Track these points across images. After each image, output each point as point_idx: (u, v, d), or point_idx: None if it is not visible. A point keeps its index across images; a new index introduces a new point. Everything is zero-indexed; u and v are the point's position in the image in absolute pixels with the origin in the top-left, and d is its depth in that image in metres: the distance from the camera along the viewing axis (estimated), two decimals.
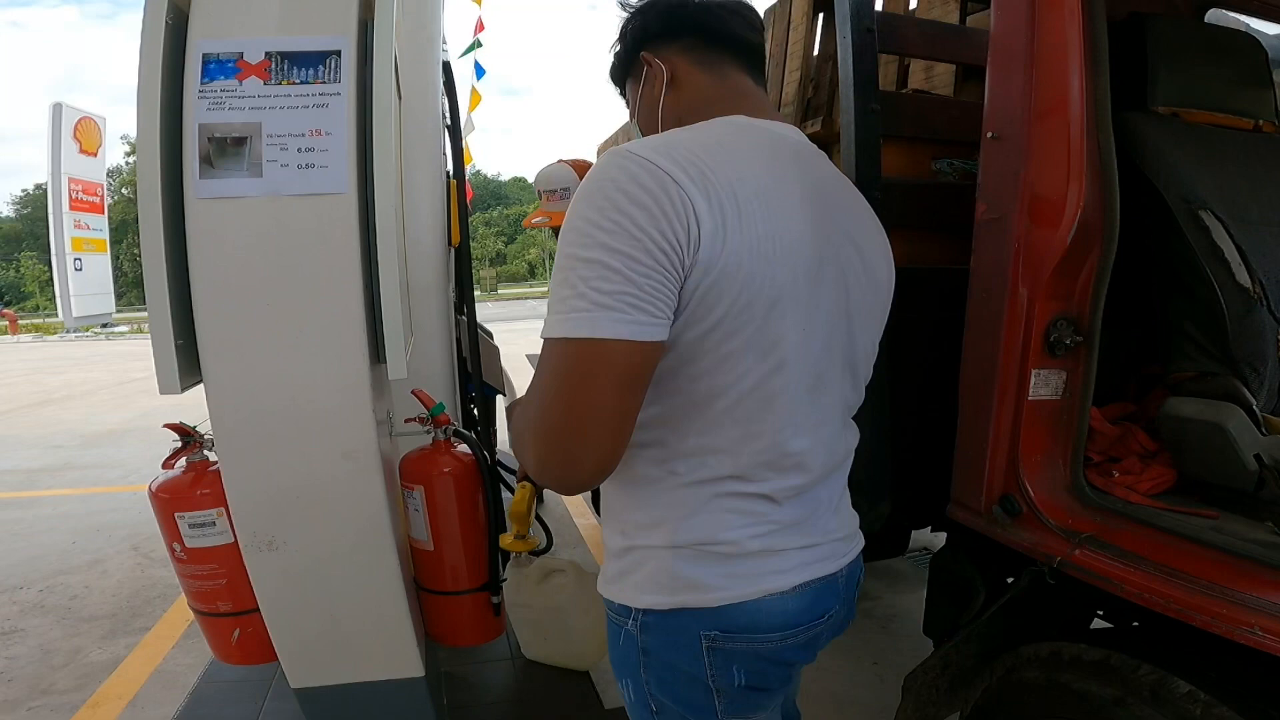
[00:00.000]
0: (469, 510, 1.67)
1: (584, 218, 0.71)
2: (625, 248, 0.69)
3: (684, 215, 0.70)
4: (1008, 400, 1.26)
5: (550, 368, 0.72)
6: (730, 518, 0.82)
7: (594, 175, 0.74)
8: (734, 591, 0.82)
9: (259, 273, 1.34)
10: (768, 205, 0.76)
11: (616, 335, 0.69)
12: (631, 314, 0.69)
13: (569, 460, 0.72)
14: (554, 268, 0.74)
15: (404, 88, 1.90)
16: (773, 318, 0.76)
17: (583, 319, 0.69)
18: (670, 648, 0.84)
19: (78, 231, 19.16)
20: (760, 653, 0.85)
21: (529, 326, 13.13)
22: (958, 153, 1.68)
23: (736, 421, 0.78)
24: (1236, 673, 1.02)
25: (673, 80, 0.92)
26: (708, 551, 0.82)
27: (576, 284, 0.69)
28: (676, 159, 0.72)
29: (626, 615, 0.86)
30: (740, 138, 0.81)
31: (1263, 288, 1.26)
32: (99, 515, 4.12)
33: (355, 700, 1.64)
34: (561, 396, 0.71)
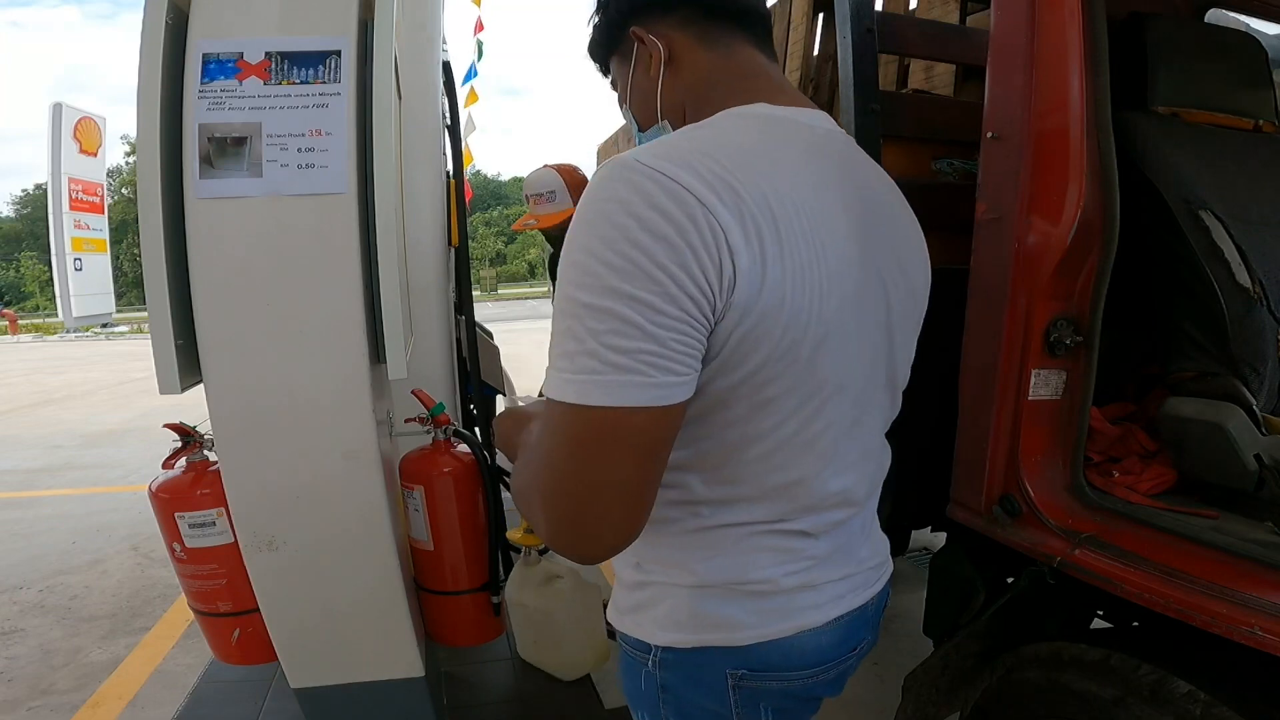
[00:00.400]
0: (469, 510, 1.67)
1: (588, 250, 0.58)
2: (643, 293, 0.56)
3: (714, 247, 0.58)
4: (1008, 400, 1.26)
5: (561, 434, 0.60)
6: (763, 556, 0.73)
7: (596, 194, 0.60)
8: (766, 630, 0.74)
9: (259, 273, 1.34)
10: (810, 223, 0.64)
11: (637, 403, 0.57)
12: (655, 376, 0.57)
13: (585, 536, 0.61)
14: (555, 307, 0.61)
15: (404, 88, 1.90)
16: (818, 357, 0.65)
17: (596, 384, 0.57)
18: (692, 686, 0.76)
19: (78, 231, 19.15)
20: (790, 690, 0.77)
21: (529, 326, 13.15)
22: (958, 153, 1.68)
23: (772, 469, 0.69)
24: (1236, 673, 1.02)
25: (670, 59, 0.78)
26: (738, 590, 0.73)
27: (585, 338, 0.57)
28: (700, 172, 0.59)
29: (644, 650, 0.77)
30: (769, 136, 0.68)
31: (1263, 288, 1.26)
32: (99, 515, 4.12)
33: (355, 700, 1.63)
34: (574, 467, 0.60)
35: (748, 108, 0.72)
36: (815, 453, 0.70)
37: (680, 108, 0.79)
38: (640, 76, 0.81)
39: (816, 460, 0.71)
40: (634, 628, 0.78)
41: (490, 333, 3.13)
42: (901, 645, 2.38)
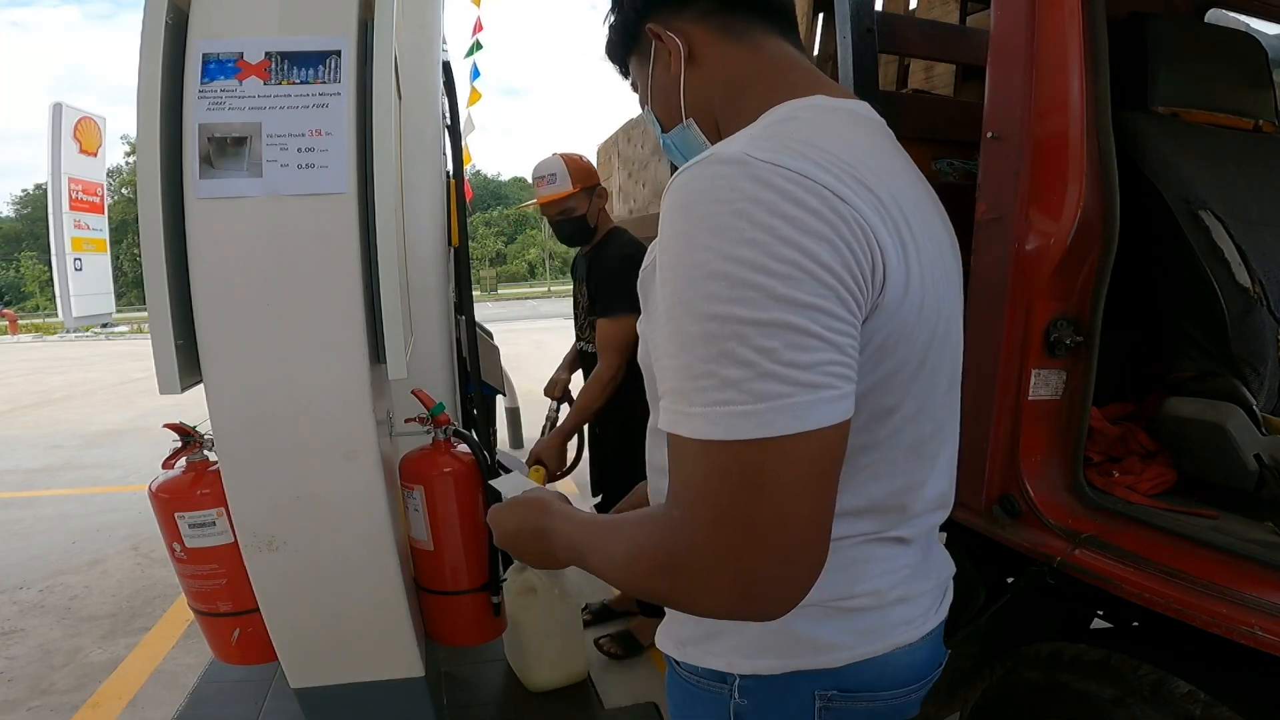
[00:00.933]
0: (469, 510, 1.66)
1: (732, 258, 0.50)
2: (818, 300, 0.50)
3: (866, 244, 0.53)
4: (1008, 400, 1.26)
5: (730, 479, 0.50)
6: (868, 567, 0.68)
7: (714, 194, 0.52)
8: (862, 649, 0.69)
9: (259, 273, 1.34)
10: (922, 218, 0.60)
11: (831, 421, 0.50)
12: (842, 387, 0.51)
13: (770, 591, 0.52)
14: (685, 331, 0.51)
15: (404, 88, 1.90)
16: (938, 359, 0.62)
17: (784, 410, 0.49)
18: (775, 712, 0.71)
19: (78, 231, 19.15)
20: (879, 710, 0.72)
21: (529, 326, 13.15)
22: (958, 153, 1.68)
23: (879, 477, 0.65)
24: (1236, 673, 1.02)
25: (692, 56, 0.73)
26: (837, 607, 0.68)
27: (756, 360, 0.49)
28: (823, 165, 0.53)
29: (719, 681, 0.71)
30: (860, 130, 0.64)
31: (1263, 288, 1.26)
32: (99, 515, 4.12)
33: (355, 700, 1.63)
34: (752, 513, 0.50)
35: (810, 100, 0.66)
36: (923, 456, 0.67)
37: (708, 106, 0.74)
38: (661, 75, 0.76)
39: (924, 465, 0.68)
40: (704, 657, 0.71)
41: (490, 333, 3.13)
42: None
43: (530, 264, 46.89)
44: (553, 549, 0.72)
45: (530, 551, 0.75)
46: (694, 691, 0.75)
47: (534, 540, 0.74)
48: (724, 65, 0.72)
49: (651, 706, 2.09)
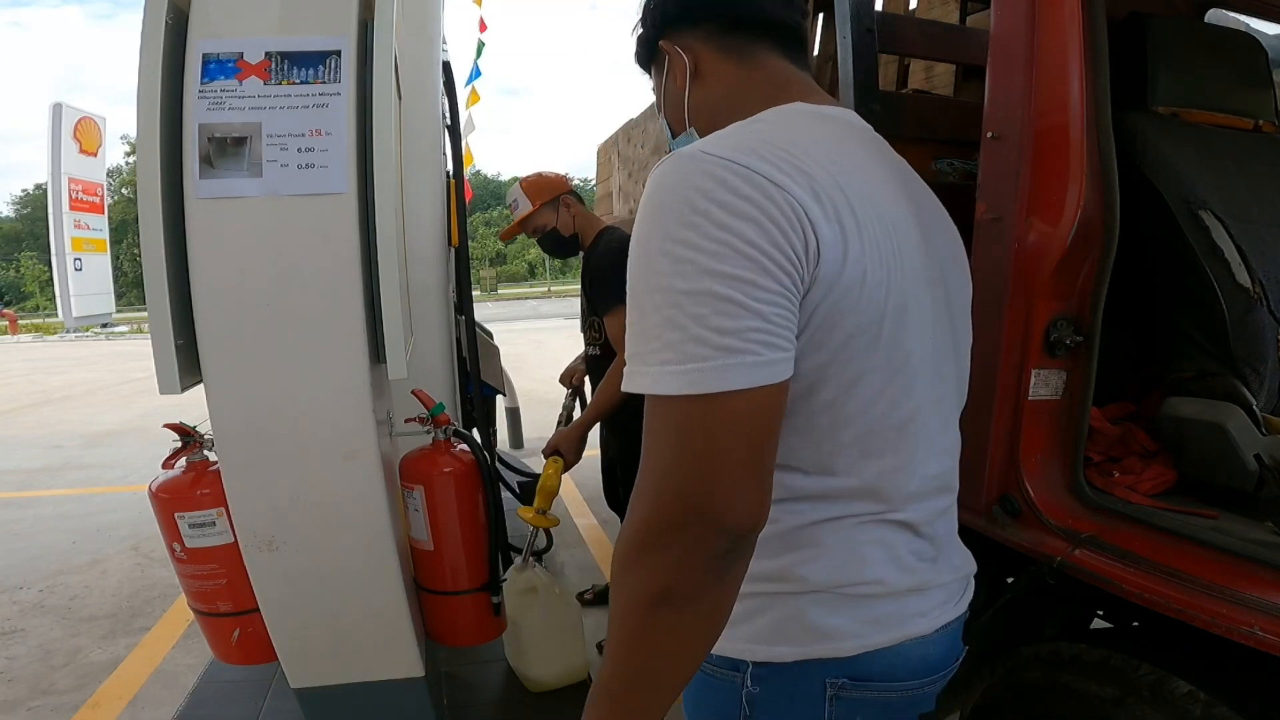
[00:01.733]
0: (469, 510, 1.66)
1: (674, 239, 0.58)
2: (741, 271, 0.57)
3: (796, 222, 0.59)
4: (1008, 400, 1.26)
5: (668, 435, 0.57)
6: (871, 551, 0.70)
7: (667, 184, 0.60)
8: (873, 639, 0.71)
9: (259, 272, 1.34)
10: (876, 202, 0.66)
11: (752, 384, 0.56)
12: (764, 353, 0.57)
13: (717, 521, 0.56)
14: (641, 302, 0.60)
15: (404, 88, 1.90)
16: (900, 331, 0.66)
17: (708, 370, 0.56)
18: (787, 700, 0.73)
19: (78, 231, 19.17)
20: (890, 702, 0.74)
21: (529, 326, 13.15)
22: (958, 153, 1.68)
23: (868, 453, 0.68)
24: (1236, 673, 1.02)
25: (696, 72, 0.81)
26: (848, 595, 0.70)
27: (687, 324, 0.56)
28: (766, 157, 0.61)
29: (734, 669, 0.73)
30: (821, 127, 0.71)
31: (1263, 288, 1.26)
32: (99, 515, 4.12)
33: (355, 700, 1.63)
34: (690, 462, 0.56)
35: (787, 105, 0.74)
36: (910, 436, 0.70)
37: (709, 116, 0.81)
38: (670, 86, 0.84)
39: (911, 443, 0.70)
40: (719, 644, 0.69)
41: (490, 333, 3.13)
42: None
43: (530, 264, 46.90)
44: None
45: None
46: (708, 680, 0.76)
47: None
48: (724, 81, 0.80)
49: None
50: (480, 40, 6.71)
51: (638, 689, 0.61)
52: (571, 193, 2.38)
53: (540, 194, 2.31)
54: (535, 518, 1.90)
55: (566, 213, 2.33)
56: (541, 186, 2.33)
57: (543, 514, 1.92)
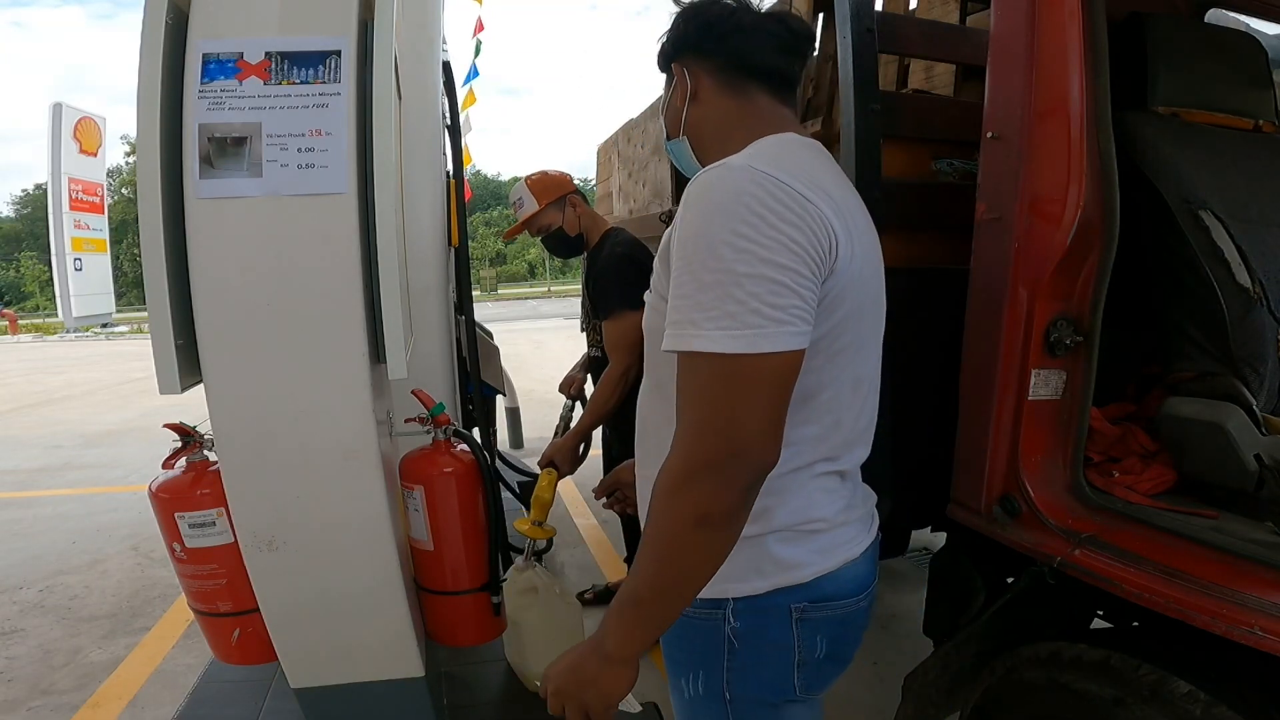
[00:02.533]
0: (469, 510, 1.66)
1: (736, 232, 0.74)
2: (789, 262, 0.74)
3: (823, 229, 0.77)
4: (1008, 400, 1.26)
5: (715, 385, 0.73)
6: (821, 496, 0.89)
7: (726, 189, 0.76)
8: (822, 565, 0.90)
9: (259, 273, 1.34)
10: (854, 213, 0.85)
11: (789, 348, 0.74)
12: (800, 326, 0.75)
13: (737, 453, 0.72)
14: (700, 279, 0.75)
15: (404, 88, 1.90)
16: (866, 315, 0.87)
17: (763, 334, 0.73)
18: (761, 628, 0.90)
19: (78, 231, 19.16)
20: (841, 618, 0.92)
21: (529, 326, 13.14)
22: (958, 153, 1.68)
23: (831, 410, 0.86)
24: (1236, 673, 1.02)
25: (695, 96, 0.96)
26: (801, 531, 0.89)
27: (746, 299, 0.73)
28: (797, 175, 0.78)
29: (715, 607, 0.90)
30: (812, 155, 0.89)
31: (1263, 288, 1.26)
32: (99, 515, 4.12)
33: (355, 700, 1.63)
34: (730, 409, 0.73)
35: (785, 135, 0.90)
36: (859, 395, 0.90)
37: (698, 134, 0.99)
38: (674, 99, 1.00)
39: (857, 401, 0.90)
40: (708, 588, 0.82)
41: (490, 333, 3.13)
42: (902, 645, 2.38)
43: (530, 264, 46.86)
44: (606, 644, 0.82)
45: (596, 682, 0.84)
46: (693, 625, 0.91)
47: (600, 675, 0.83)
48: (717, 110, 0.96)
49: (652, 706, 2.09)
50: (478, 40, 6.71)
51: (665, 597, 0.77)
52: (577, 192, 2.38)
53: (546, 193, 2.30)
54: (531, 529, 1.90)
55: (572, 212, 2.32)
56: (547, 185, 2.32)
57: (539, 525, 1.91)
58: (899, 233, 1.56)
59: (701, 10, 0.96)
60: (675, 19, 0.97)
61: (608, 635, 0.81)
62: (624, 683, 0.83)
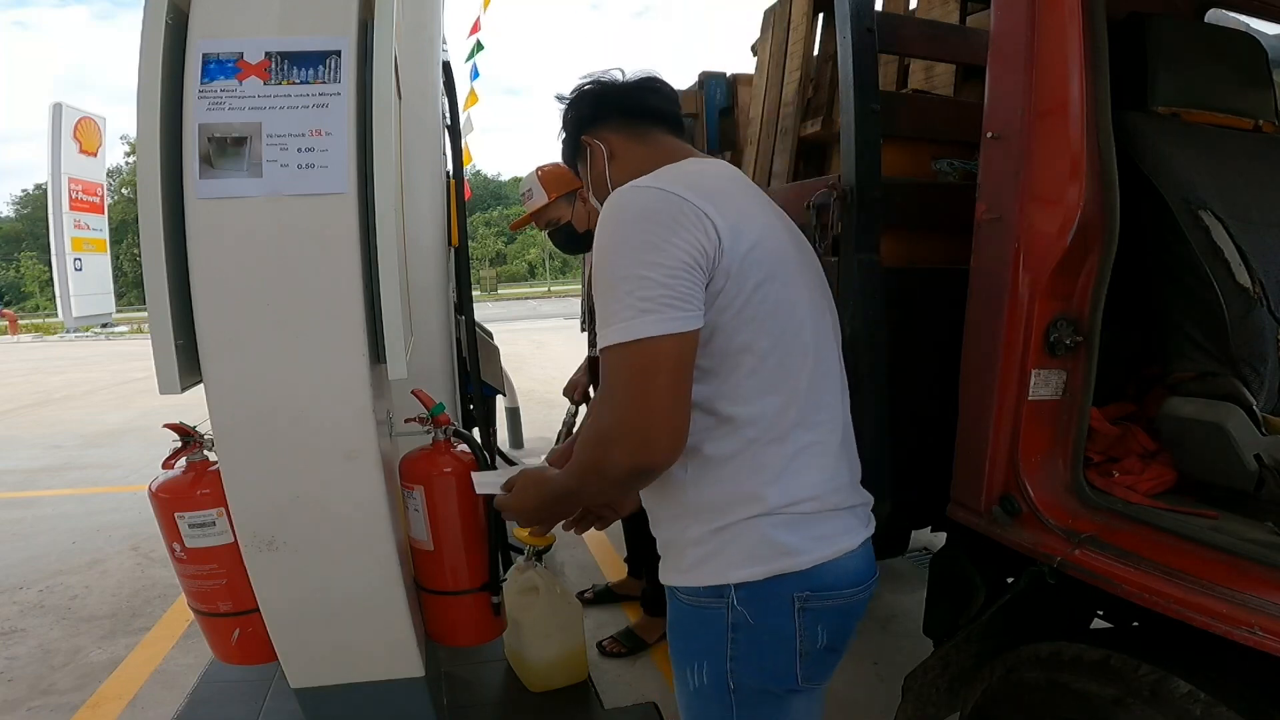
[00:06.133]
0: (469, 510, 1.66)
1: (614, 243, 0.88)
2: (655, 258, 0.85)
3: (699, 221, 0.87)
4: (1008, 400, 1.26)
5: (616, 371, 0.86)
6: (808, 473, 0.95)
7: (612, 208, 0.90)
8: (820, 553, 0.94)
9: (259, 273, 1.34)
10: (754, 208, 0.97)
11: (662, 332, 0.84)
12: (669, 313, 0.84)
13: (646, 443, 0.84)
14: (597, 291, 0.89)
15: (404, 88, 1.90)
16: (792, 282, 0.94)
17: (634, 324, 0.84)
18: (763, 615, 0.94)
19: (78, 231, 19.14)
20: (841, 608, 0.97)
21: (529, 326, 13.14)
22: (958, 153, 1.68)
23: (786, 375, 0.93)
24: (1236, 673, 1.02)
25: (611, 154, 1.11)
26: (796, 514, 0.94)
27: (623, 298, 0.85)
28: (680, 181, 0.91)
29: (718, 595, 0.94)
30: (710, 167, 1.03)
31: (1263, 288, 1.26)
32: (99, 515, 4.12)
33: (355, 700, 1.63)
34: (630, 391, 0.84)
35: (687, 159, 1.06)
36: (811, 359, 0.96)
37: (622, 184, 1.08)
38: (594, 170, 1.13)
39: (808, 364, 0.96)
40: (708, 576, 0.95)
41: (490, 333, 3.13)
42: (901, 645, 2.38)
43: (530, 264, 46.84)
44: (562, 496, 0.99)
45: (556, 513, 1.04)
46: (696, 613, 0.97)
47: (557, 503, 1.01)
48: (633, 157, 1.09)
49: (651, 706, 2.09)
50: (478, 41, 6.70)
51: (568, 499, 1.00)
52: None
53: (557, 186, 2.28)
54: (529, 536, 1.89)
55: (583, 207, 2.30)
56: (559, 178, 2.30)
57: (534, 533, 1.91)
58: (899, 233, 1.57)
59: (587, 91, 1.12)
60: (566, 109, 1.14)
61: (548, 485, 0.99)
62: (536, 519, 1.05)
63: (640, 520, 2.78)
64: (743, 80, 2.67)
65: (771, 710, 0.99)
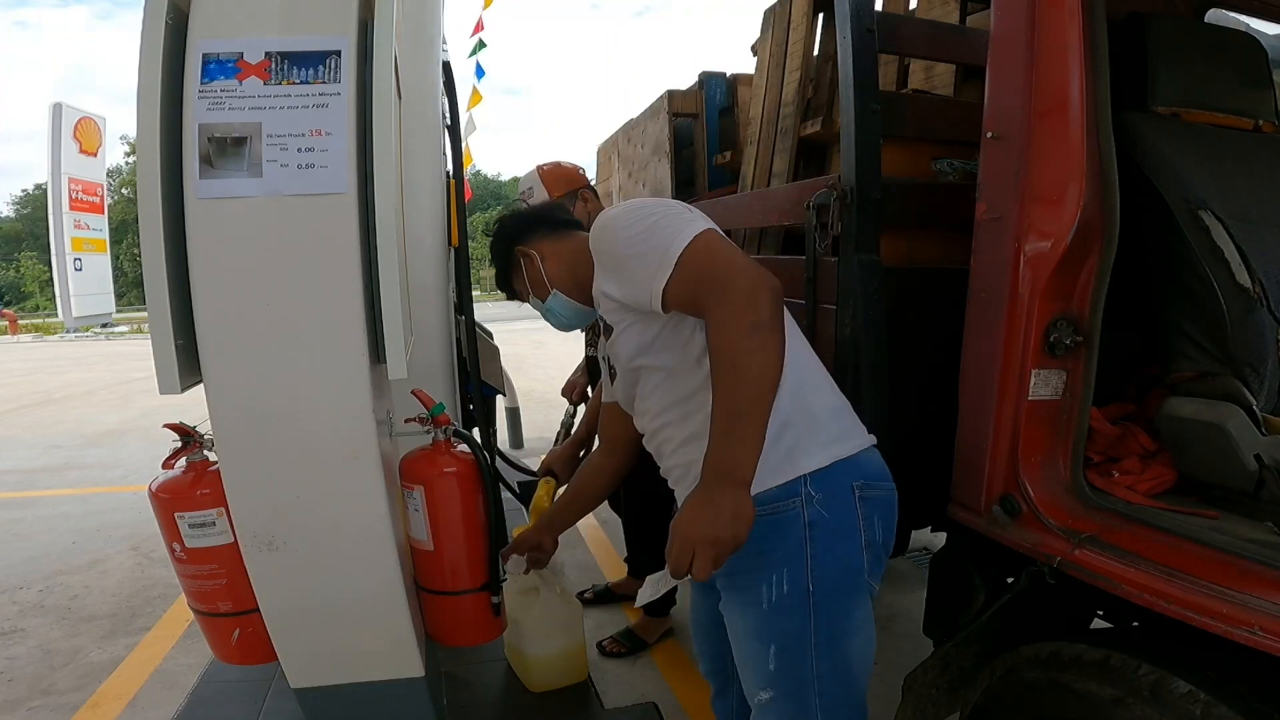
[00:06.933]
0: (469, 510, 1.66)
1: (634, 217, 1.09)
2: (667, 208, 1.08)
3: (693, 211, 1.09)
4: (1008, 400, 1.26)
5: (702, 256, 1.01)
6: (812, 368, 1.17)
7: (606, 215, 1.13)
8: (857, 440, 1.11)
9: (259, 273, 1.34)
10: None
11: (708, 226, 1.05)
12: (706, 220, 1.07)
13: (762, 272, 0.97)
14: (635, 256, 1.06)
15: (404, 88, 1.90)
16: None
17: (693, 224, 1.04)
18: (832, 504, 1.05)
19: (78, 231, 19.14)
20: (886, 500, 1.11)
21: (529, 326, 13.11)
22: (958, 153, 1.68)
23: None
24: (1236, 673, 1.02)
25: (544, 256, 1.35)
26: (831, 405, 1.13)
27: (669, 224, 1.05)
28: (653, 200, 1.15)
29: (794, 494, 1.05)
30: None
31: (1263, 288, 1.26)
32: (99, 515, 4.12)
33: (355, 700, 1.63)
34: (723, 257, 1.00)
35: None
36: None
37: (560, 275, 1.35)
38: (531, 274, 1.38)
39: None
40: (784, 474, 1.05)
41: (490, 333, 3.13)
42: (902, 645, 2.38)
43: None
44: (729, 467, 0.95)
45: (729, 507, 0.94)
46: (773, 521, 1.04)
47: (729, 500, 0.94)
48: (563, 250, 1.36)
49: (651, 706, 2.09)
50: (480, 40, 6.70)
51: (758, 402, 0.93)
52: (589, 187, 2.35)
53: (559, 185, 2.28)
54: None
55: (583, 207, 2.29)
56: (560, 177, 2.29)
57: None
58: (899, 233, 1.57)
59: (511, 220, 1.44)
60: (498, 237, 1.43)
61: (727, 458, 0.93)
62: (751, 504, 0.93)
63: (640, 520, 2.80)
64: (743, 80, 2.67)
65: (844, 616, 1.08)
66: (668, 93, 2.73)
